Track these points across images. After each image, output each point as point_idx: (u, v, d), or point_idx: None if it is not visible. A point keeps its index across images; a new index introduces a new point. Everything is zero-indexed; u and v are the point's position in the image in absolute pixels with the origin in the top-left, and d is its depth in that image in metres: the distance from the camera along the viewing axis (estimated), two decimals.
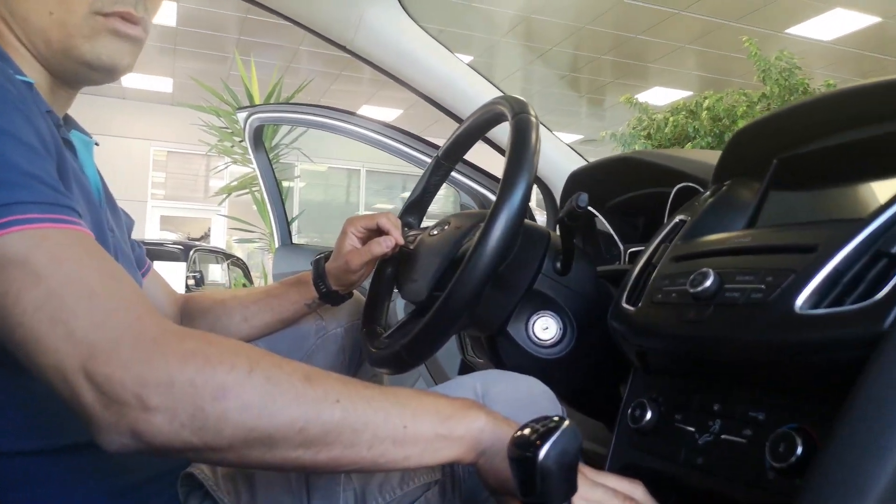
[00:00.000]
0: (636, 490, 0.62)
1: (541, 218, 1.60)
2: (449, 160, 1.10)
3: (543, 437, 0.51)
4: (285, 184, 6.29)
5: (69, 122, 0.79)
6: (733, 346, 0.59)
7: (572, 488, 0.52)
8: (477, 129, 1.03)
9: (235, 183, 6.06)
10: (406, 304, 1.47)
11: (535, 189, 1.02)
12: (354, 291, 1.09)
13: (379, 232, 1.00)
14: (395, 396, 0.58)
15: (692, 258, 0.71)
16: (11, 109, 0.56)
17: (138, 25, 0.71)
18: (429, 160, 1.67)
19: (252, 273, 8.12)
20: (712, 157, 0.94)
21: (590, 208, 1.15)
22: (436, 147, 1.68)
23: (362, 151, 1.93)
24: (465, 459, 0.59)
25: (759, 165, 0.82)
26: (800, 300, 0.55)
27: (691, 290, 0.64)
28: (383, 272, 1.08)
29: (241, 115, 2.24)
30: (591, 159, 1.41)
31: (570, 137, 10.97)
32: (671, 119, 6.64)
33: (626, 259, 1.15)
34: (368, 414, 0.55)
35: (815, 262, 0.56)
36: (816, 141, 0.77)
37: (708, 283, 0.63)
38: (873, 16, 6.65)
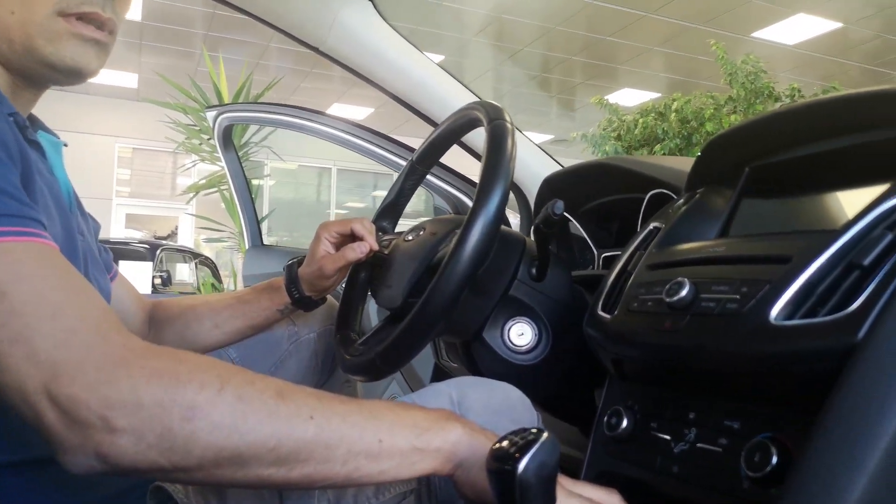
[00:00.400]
0: (612, 499, 0.63)
1: (514, 220, 1.60)
2: (423, 164, 1.10)
3: (523, 450, 0.51)
4: (255, 182, 6.20)
5: (35, 123, 0.77)
6: (709, 356, 0.60)
7: (551, 500, 0.52)
8: (452, 133, 1.03)
9: (203, 181, 5.96)
10: (379, 309, 1.46)
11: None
12: (328, 296, 1.08)
13: (353, 237, 0.99)
14: (371, 410, 0.57)
15: (667, 266, 0.72)
16: None
17: (104, 30, 0.69)
18: (399, 161, 1.67)
19: (221, 272, 8.01)
20: (685, 164, 0.95)
21: (564, 213, 1.16)
22: (407, 147, 1.67)
23: (333, 150, 1.91)
24: (441, 471, 0.59)
25: (732, 173, 0.83)
26: (774, 311, 0.56)
27: (667, 300, 0.64)
28: (357, 277, 1.07)
29: (210, 115, 2.20)
30: (563, 160, 1.42)
31: (541, 137, 11.04)
32: (640, 121, 6.72)
33: (601, 264, 1.16)
34: (343, 429, 0.54)
35: (789, 273, 0.57)
36: (787, 151, 0.78)
37: (684, 292, 0.63)
38: (835, 21, 6.82)
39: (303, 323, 1.10)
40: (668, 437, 0.65)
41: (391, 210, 1.12)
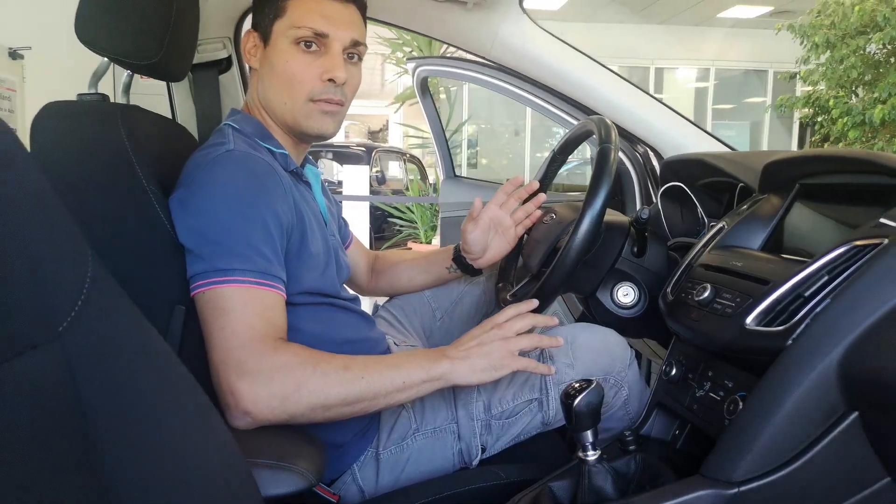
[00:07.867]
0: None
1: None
2: (563, 154, 1.43)
3: (579, 392, 0.89)
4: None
5: (306, 161, 1.21)
6: (712, 341, 0.92)
7: (595, 422, 0.90)
8: (578, 137, 1.34)
9: (409, 90, 6.53)
10: None
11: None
12: None
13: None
14: (396, 364, 0.93)
15: (711, 270, 1.02)
16: (271, 196, 0.95)
17: (338, 104, 1.09)
18: (572, 120, 1.93)
19: (426, 168, 8.76)
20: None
21: (682, 186, 1.43)
22: (584, 109, 1.92)
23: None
24: (443, 387, 0.96)
25: (788, 185, 1.07)
26: (749, 319, 0.86)
27: (696, 299, 0.96)
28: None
29: (410, 66, 2.57)
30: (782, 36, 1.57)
31: (758, 10, 10.05)
32: (857, 7, 5.90)
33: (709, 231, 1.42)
34: (381, 381, 0.91)
35: (764, 293, 0.86)
36: (825, 177, 1.01)
37: (705, 294, 0.94)
38: None
39: None
40: (695, 385, 0.99)
41: (540, 188, 1.47)
